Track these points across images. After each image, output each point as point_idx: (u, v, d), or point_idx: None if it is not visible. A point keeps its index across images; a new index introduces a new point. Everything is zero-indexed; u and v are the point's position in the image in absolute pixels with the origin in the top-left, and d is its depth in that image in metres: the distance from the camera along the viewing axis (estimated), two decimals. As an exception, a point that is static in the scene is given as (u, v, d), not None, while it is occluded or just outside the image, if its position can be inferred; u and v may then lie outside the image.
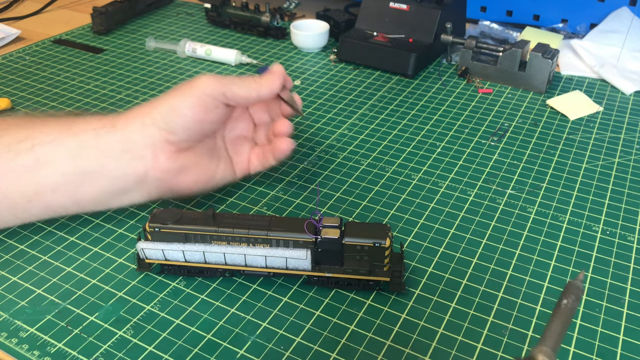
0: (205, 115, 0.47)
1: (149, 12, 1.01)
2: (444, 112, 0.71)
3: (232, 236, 0.43)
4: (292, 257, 0.43)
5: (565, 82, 0.79)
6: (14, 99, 0.72)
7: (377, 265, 0.43)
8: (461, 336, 0.41)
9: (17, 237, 0.50)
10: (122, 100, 0.73)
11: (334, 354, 0.40)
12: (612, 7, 0.89)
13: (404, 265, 0.44)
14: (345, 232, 0.43)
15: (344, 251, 0.43)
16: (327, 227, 0.43)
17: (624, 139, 0.66)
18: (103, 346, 0.40)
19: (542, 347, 0.27)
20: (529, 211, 0.54)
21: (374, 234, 0.42)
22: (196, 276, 0.46)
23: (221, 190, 0.56)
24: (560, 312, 0.28)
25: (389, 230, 0.43)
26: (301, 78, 0.79)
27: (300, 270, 0.44)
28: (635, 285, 0.46)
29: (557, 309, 0.29)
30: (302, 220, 0.43)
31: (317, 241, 0.43)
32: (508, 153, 0.63)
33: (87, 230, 0.51)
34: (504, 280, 0.46)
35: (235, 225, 0.43)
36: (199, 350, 0.40)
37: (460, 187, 0.57)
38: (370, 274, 0.43)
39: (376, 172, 0.60)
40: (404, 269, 0.45)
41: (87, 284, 0.46)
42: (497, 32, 0.92)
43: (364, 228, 0.43)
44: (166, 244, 0.44)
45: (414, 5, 0.82)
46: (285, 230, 0.43)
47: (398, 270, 0.44)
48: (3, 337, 0.41)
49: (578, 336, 0.42)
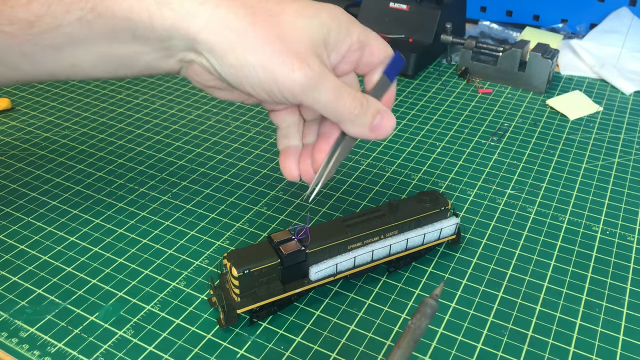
0: (264, 101, 0.39)
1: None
2: (444, 112, 0.71)
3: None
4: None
5: (565, 82, 0.79)
6: (14, 99, 0.72)
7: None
8: (461, 336, 0.41)
9: (17, 237, 0.50)
10: (122, 100, 0.73)
11: (334, 354, 0.40)
12: (612, 7, 0.89)
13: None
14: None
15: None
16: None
17: (623, 139, 0.66)
18: (103, 346, 0.40)
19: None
20: (529, 211, 0.54)
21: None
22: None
23: (221, 190, 0.56)
24: (408, 332, 0.29)
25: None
26: (301, 78, 0.79)
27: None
28: (635, 285, 0.46)
29: (407, 328, 0.29)
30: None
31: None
32: (508, 153, 0.63)
33: (87, 230, 0.51)
34: (504, 280, 0.46)
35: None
36: (199, 350, 0.40)
37: (460, 187, 0.57)
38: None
39: (376, 172, 0.60)
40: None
41: (87, 284, 0.46)
42: (497, 32, 0.92)
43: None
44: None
45: (414, 5, 0.82)
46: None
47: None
48: (3, 337, 0.41)
49: (578, 336, 0.42)
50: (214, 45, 0.34)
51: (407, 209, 0.45)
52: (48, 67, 0.39)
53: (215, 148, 0.63)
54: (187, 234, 0.51)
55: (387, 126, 0.37)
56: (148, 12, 0.35)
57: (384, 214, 0.45)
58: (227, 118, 0.69)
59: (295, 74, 0.34)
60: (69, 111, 0.70)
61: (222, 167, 0.60)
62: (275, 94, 0.35)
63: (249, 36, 0.34)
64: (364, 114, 0.36)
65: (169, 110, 0.71)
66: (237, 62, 0.34)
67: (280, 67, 0.34)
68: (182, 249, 0.49)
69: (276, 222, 0.53)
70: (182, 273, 0.47)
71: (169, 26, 0.35)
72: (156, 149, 0.63)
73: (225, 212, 0.53)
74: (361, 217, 0.44)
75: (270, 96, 0.35)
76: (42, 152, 0.62)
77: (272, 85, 0.34)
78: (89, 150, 0.63)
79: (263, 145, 0.64)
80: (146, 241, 0.50)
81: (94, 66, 0.39)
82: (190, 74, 0.39)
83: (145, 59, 0.38)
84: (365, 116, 0.36)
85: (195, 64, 0.37)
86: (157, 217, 0.53)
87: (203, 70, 0.37)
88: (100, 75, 0.40)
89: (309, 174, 0.40)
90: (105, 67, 0.39)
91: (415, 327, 0.29)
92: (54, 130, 0.66)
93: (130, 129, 0.67)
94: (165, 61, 0.38)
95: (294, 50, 0.34)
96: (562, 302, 0.44)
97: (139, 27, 0.36)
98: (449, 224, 0.47)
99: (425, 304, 0.29)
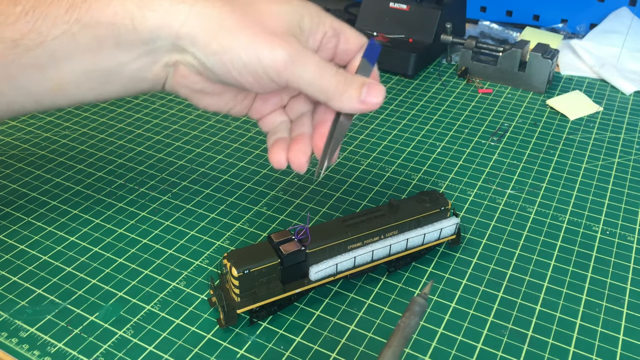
0: (251, 86, 0.38)
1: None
2: (444, 112, 0.71)
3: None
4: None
5: (565, 82, 0.79)
6: (14, 99, 0.72)
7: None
8: (461, 336, 0.41)
9: (17, 237, 0.50)
10: (122, 100, 0.73)
11: (334, 354, 0.40)
12: (612, 7, 0.89)
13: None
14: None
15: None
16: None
17: (623, 139, 0.66)
18: (103, 346, 0.40)
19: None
20: (529, 211, 0.54)
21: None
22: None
23: (221, 190, 0.56)
24: (399, 331, 0.29)
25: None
26: (301, 78, 0.79)
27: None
28: (635, 285, 0.46)
29: (397, 327, 0.29)
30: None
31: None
32: (508, 153, 0.63)
33: (87, 230, 0.51)
34: (504, 280, 0.46)
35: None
36: (199, 350, 0.40)
37: (460, 187, 0.57)
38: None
39: (376, 172, 0.60)
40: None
41: (87, 284, 0.46)
42: (497, 32, 0.92)
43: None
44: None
45: (414, 6, 0.82)
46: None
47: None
48: (3, 337, 0.41)
49: (578, 336, 0.42)
50: (196, 37, 0.35)
51: (407, 209, 0.45)
52: (33, 90, 0.39)
53: (215, 148, 0.63)
54: (187, 234, 0.51)
55: (376, 96, 0.38)
56: (130, 16, 0.36)
57: (384, 214, 0.45)
58: (227, 118, 0.69)
59: (276, 50, 0.35)
60: (69, 111, 0.70)
61: (222, 167, 0.60)
62: (260, 75, 0.36)
63: (228, 22, 0.35)
64: (349, 87, 0.37)
65: (169, 111, 0.71)
66: (220, 47, 0.35)
67: (261, 46, 0.35)
68: (182, 249, 0.49)
69: (276, 222, 0.53)
70: (182, 273, 0.47)
71: (151, 26, 0.36)
72: (156, 149, 0.63)
73: (225, 212, 0.53)
74: (361, 217, 0.44)
75: (256, 79, 0.36)
76: (42, 152, 0.62)
77: (257, 65, 0.35)
78: (89, 150, 0.63)
79: (263, 145, 0.64)
80: (146, 241, 0.50)
81: (78, 85, 0.39)
82: (176, 80, 0.39)
83: (129, 68, 0.38)
84: (352, 89, 0.37)
85: (181, 65, 0.38)
86: (157, 217, 0.53)
87: (189, 72, 0.38)
88: (85, 95, 0.41)
89: (300, 161, 0.40)
90: (90, 85, 0.40)
91: (404, 326, 0.29)
92: (54, 130, 0.66)
93: (130, 129, 0.67)
94: (150, 69, 0.38)
95: (272, 31, 0.36)
96: (562, 302, 0.44)
97: (122, 32, 0.36)
98: (449, 224, 0.47)
99: (413, 302, 0.30)
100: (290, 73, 0.36)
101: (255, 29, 0.36)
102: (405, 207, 0.45)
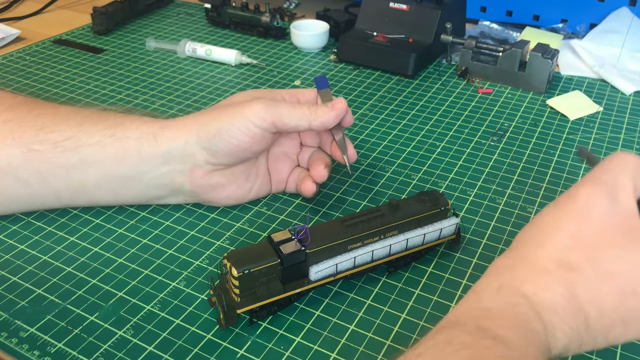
0: (251, 145, 0.48)
1: (149, 12, 1.01)
2: (444, 112, 0.71)
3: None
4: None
5: (565, 82, 0.79)
6: (14, 99, 0.72)
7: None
8: (461, 336, 0.41)
9: (17, 237, 0.50)
10: (122, 100, 0.73)
11: (334, 354, 0.40)
12: (612, 7, 0.89)
13: None
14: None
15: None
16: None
17: (623, 139, 0.66)
18: (103, 346, 0.40)
19: None
20: (529, 211, 0.54)
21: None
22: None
23: (221, 190, 0.56)
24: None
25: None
26: (301, 78, 0.79)
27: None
28: (635, 285, 0.46)
29: None
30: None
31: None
32: (508, 153, 0.63)
33: (87, 230, 0.51)
34: (504, 280, 0.46)
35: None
36: (199, 350, 0.40)
37: (460, 187, 0.57)
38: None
39: (376, 172, 0.60)
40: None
41: (87, 284, 0.46)
42: (497, 32, 0.92)
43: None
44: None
45: (414, 6, 0.82)
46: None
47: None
48: (3, 337, 0.41)
49: (578, 336, 0.41)
50: (196, 136, 0.48)
51: (407, 209, 0.45)
52: (56, 186, 0.48)
53: (215, 148, 0.63)
54: (187, 234, 0.51)
55: (340, 102, 0.49)
56: (154, 133, 0.48)
57: (384, 214, 0.45)
58: (227, 118, 0.69)
59: (252, 105, 0.47)
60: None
61: (222, 167, 0.60)
62: (252, 129, 0.47)
63: (212, 114, 0.49)
64: (319, 107, 0.49)
65: (169, 111, 0.71)
66: (215, 130, 0.47)
67: (242, 110, 0.47)
68: (182, 249, 0.49)
69: (276, 222, 0.53)
70: (182, 273, 0.47)
71: (168, 138, 0.48)
72: (156, 149, 0.63)
73: (225, 212, 0.53)
74: (361, 217, 0.44)
75: (251, 136, 0.47)
76: (42, 152, 0.62)
77: (246, 123, 0.47)
78: (89, 150, 0.62)
79: (263, 145, 0.64)
80: (146, 241, 0.50)
81: (98, 186, 0.49)
82: (192, 181, 0.49)
83: (148, 176, 0.49)
84: (322, 107, 0.49)
85: (194, 166, 0.48)
86: (157, 217, 0.53)
87: (202, 171, 0.49)
88: (103, 196, 0.50)
89: (313, 189, 0.52)
90: (109, 187, 0.49)
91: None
92: (54, 130, 0.66)
93: (130, 129, 0.67)
94: (167, 176, 0.49)
95: (244, 102, 0.48)
96: (562, 302, 0.44)
97: (144, 146, 0.47)
98: (449, 224, 0.47)
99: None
100: (272, 114, 0.47)
101: (232, 107, 0.48)
102: (405, 207, 0.45)
